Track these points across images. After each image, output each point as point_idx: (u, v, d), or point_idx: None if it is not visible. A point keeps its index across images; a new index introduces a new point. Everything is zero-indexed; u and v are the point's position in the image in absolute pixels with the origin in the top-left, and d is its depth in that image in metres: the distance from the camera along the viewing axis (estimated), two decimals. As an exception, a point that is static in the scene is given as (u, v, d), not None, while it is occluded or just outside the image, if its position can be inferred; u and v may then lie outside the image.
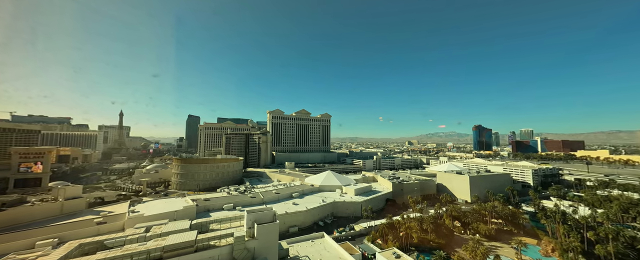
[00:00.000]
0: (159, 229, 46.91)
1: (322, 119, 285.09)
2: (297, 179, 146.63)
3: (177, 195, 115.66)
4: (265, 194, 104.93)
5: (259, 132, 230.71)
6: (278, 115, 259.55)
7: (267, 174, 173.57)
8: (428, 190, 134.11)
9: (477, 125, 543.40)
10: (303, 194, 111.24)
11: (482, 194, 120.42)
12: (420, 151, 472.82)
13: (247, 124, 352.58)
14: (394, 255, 54.99)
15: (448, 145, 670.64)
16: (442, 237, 73.81)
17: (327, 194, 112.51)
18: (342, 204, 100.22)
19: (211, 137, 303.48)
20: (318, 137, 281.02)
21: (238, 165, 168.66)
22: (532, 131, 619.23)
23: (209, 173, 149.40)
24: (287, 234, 77.43)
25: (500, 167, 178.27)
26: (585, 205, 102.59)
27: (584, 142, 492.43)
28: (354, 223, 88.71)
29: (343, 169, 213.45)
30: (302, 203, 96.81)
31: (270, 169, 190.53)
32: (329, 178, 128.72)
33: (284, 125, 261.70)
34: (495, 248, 68.14)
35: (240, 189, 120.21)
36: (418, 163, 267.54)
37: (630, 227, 78.66)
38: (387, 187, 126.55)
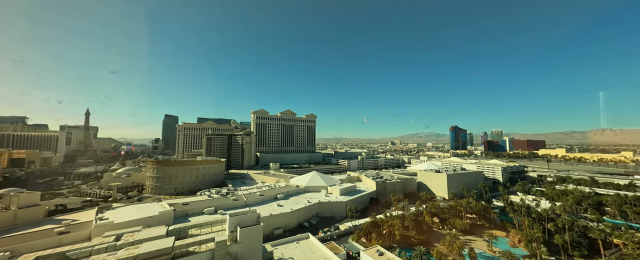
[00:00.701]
0: (131, 237, 43.50)
1: (307, 119, 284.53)
2: (282, 180, 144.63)
3: (152, 200, 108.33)
4: (248, 196, 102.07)
5: (243, 133, 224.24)
6: (262, 115, 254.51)
7: (251, 175, 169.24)
8: (409, 189, 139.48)
9: (454, 126, 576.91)
10: (288, 195, 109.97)
11: (458, 190, 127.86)
12: (402, 151, 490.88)
13: (229, 124, 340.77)
14: (377, 252, 56.24)
15: (427, 145, 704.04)
16: (423, 233, 77.09)
17: (312, 195, 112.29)
18: (328, 204, 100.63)
19: (191, 138, 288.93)
20: (303, 137, 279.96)
21: (220, 167, 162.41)
22: (501, 132, 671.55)
23: (188, 176, 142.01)
24: (271, 236, 75.93)
25: (474, 166, 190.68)
26: (546, 199, 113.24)
27: (545, 142, 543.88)
28: (339, 223, 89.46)
29: (328, 169, 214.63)
30: (287, 204, 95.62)
31: (254, 171, 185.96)
32: (315, 178, 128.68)
33: (268, 126, 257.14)
34: (470, 241, 72.56)
35: (222, 191, 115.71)
36: (400, 162, 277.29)
37: (583, 218, 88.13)
38: (371, 186, 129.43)
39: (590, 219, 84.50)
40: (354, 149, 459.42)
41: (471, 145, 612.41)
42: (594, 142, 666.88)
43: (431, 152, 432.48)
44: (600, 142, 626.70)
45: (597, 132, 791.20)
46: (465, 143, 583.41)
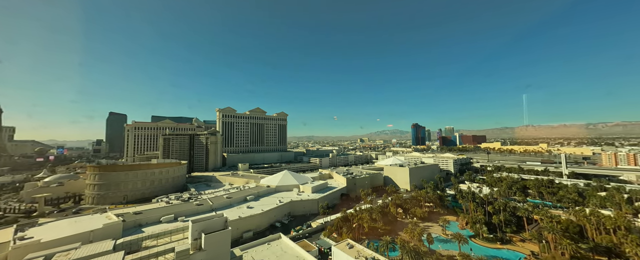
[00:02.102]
0: (66, 256, 36.69)
1: (278, 117, 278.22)
2: (251, 180, 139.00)
3: (94, 211, 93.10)
4: (214, 200, 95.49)
5: (207, 132, 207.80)
6: (229, 113, 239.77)
7: (217, 177, 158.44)
8: (377, 183, 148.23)
9: (415, 124, 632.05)
10: (258, 196, 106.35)
11: (418, 182, 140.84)
12: (371, 148, 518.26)
13: (191, 123, 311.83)
14: (347, 246, 58.44)
15: (392, 141, 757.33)
16: (389, 224, 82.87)
17: (284, 194, 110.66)
18: (300, 202, 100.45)
19: (143, 139, 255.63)
20: (274, 136, 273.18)
21: (180, 170, 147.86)
22: (453, 128, 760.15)
23: (141, 181, 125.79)
24: (240, 240, 72.57)
25: (431, 159, 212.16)
26: (486, 186, 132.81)
27: (485, 137, 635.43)
28: (311, 220, 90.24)
29: (300, 167, 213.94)
30: (257, 206, 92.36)
31: (220, 172, 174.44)
32: (286, 178, 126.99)
33: (236, 125, 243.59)
34: (428, 227, 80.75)
35: (184, 196, 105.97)
36: (369, 159, 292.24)
37: (513, 200, 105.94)
38: (341, 182, 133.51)
39: (518, 201, 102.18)
40: (326, 146, 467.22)
41: (429, 140, 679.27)
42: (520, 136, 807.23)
43: (396, 148, 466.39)
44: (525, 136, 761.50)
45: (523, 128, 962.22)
46: (424, 139, 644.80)
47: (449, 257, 59.57)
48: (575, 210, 79.36)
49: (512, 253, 63.67)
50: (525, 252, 62.33)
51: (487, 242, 69.87)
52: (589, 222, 69.79)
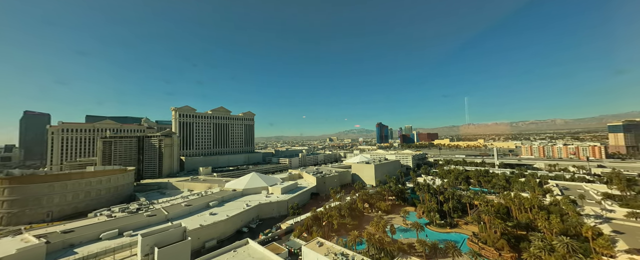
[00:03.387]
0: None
1: (244, 117, 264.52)
2: (215, 185, 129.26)
3: (4, 234, 74.04)
4: (170, 209, 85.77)
5: (160, 134, 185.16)
6: (188, 113, 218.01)
7: (174, 184, 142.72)
8: (345, 180, 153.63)
9: (379, 123, 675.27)
10: (223, 201, 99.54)
11: (382, 178, 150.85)
12: (339, 146, 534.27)
13: (140, 123, 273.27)
14: (317, 244, 59.13)
15: (359, 140, 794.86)
16: (356, 219, 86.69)
17: (252, 197, 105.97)
18: (269, 204, 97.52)
19: (75, 143, 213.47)
20: (240, 137, 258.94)
21: (125, 178, 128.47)
22: (411, 127, 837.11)
23: (71, 194, 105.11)
24: (203, 250, 66.78)
25: (393, 156, 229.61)
26: (438, 178, 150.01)
27: (438, 134, 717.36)
28: (281, 222, 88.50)
29: (269, 169, 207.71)
30: (222, 211, 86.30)
31: (177, 178, 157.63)
32: (254, 180, 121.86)
33: (196, 125, 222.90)
34: (391, 219, 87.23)
35: (131, 207, 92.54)
36: (337, 157, 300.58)
37: (459, 189, 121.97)
38: (311, 182, 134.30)
39: (463, 189, 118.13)
40: (295, 146, 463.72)
41: (391, 138, 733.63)
42: (464, 133, 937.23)
43: (362, 147, 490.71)
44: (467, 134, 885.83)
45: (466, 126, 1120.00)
46: (388, 137, 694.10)
47: (408, 244, 65.33)
48: (504, 195, 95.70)
49: (459, 235, 73.37)
50: (468, 233, 72.49)
51: (439, 227, 78.95)
52: (513, 204, 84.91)
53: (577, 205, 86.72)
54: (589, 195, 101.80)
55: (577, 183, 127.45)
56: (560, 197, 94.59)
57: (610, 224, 72.18)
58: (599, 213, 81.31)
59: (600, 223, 72.28)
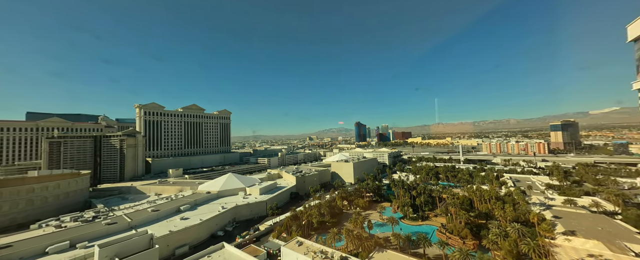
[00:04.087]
0: None
1: (220, 115, 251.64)
2: (186, 188, 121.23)
3: None
4: (134, 215, 78.35)
5: (122, 133, 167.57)
6: (155, 110, 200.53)
7: (138, 188, 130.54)
8: (325, 179, 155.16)
9: (357, 122, 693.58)
10: (196, 205, 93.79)
11: (361, 175, 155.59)
12: (319, 145, 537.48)
13: (97, 121, 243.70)
14: (296, 244, 58.90)
15: (339, 139, 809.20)
16: (335, 217, 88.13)
17: (228, 199, 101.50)
18: (246, 206, 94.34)
19: (13, 144, 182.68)
20: (215, 136, 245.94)
21: (78, 183, 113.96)
22: (387, 126, 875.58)
23: (9, 203, 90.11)
24: (172, 258, 62.31)
25: (371, 154, 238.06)
26: (412, 174, 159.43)
27: (411, 133, 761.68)
28: (259, 223, 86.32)
29: (247, 169, 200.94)
30: (194, 215, 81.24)
31: (143, 182, 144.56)
32: (230, 181, 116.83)
33: (165, 124, 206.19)
34: (369, 215, 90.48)
35: (86, 216, 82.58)
36: (317, 156, 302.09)
37: (430, 184, 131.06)
38: (291, 181, 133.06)
39: (433, 184, 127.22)
40: (275, 146, 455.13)
41: (369, 137, 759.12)
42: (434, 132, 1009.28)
43: (342, 145, 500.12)
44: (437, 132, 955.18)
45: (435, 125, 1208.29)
46: (366, 136, 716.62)
47: (384, 238, 68.43)
48: (467, 188, 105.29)
49: (429, 227, 78.93)
50: (438, 225, 78.39)
51: (412, 221, 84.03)
52: (475, 196, 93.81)
53: (526, 195, 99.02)
54: (535, 186, 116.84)
55: (526, 175, 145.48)
56: (513, 188, 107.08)
57: (551, 210, 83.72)
58: (542, 201, 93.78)
59: (544, 210, 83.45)
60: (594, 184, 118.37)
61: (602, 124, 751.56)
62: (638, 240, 59.27)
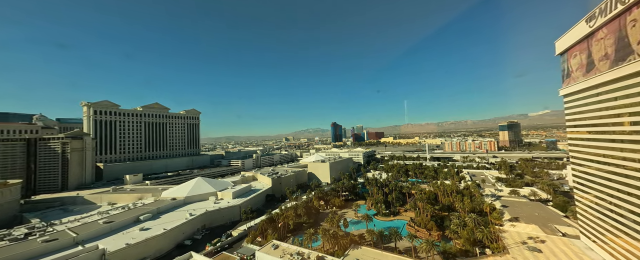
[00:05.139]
0: None
1: (187, 116, 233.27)
2: (148, 195, 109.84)
3: None
4: (81, 229, 68.33)
5: (65, 135, 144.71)
6: (108, 109, 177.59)
7: (86, 197, 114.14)
8: (302, 180, 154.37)
9: (333, 123, 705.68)
10: (159, 213, 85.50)
11: (337, 175, 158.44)
12: (295, 146, 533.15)
13: (31, 122, 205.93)
14: (272, 247, 57.59)
15: (315, 139, 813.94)
16: (312, 217, 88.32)
17: (197, 205, 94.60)
18: (218, 211, 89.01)
19: None
20: (182, 138, 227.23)
21: (5, 195, 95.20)
22: (362, 126, 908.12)
23: None
24: (130, 275, 55.78)
25: (347, 154, 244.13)
26: (384, 172, 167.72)
27: (384, 133, 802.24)
28: (232, 229, 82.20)
29: (218, 172, 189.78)
30: (157, 225, 73.94)
31: (92, 190, 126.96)
32: (199, 186, 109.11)
33: (121, 124, 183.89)
34: (345, 213, 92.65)
35: (16, 233, 69.49)
36: (294, 157, 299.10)
37: (400, 181, 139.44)
38: (267, 183, 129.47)
39: (403, 181, 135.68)
40: (249, 147, 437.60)
41: (345, 137, 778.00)
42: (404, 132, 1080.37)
43: (318, 146, 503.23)
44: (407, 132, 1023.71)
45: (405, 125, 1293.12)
46: (341, 136, 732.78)
47: (359, 235, 70.79)
48: (433, 183, 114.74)
49: (400, 222, 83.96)
50: (407, 219, 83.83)
51: (384, 217, 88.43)
52: (439, 190, 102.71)
53: (480, 188, 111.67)
54: (488, 179, 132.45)
55: (480, 170, 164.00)
56: (470, 182, 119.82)
57: (500, 200, 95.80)
58: (493, 192, 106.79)
59: (494, 200, 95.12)
60: (532, 176, 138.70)
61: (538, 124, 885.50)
62: (564, 223, 71.18)
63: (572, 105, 57.73)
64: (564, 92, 60.52)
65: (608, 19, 44.60)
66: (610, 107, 46.06)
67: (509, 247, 58.29)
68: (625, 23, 41.47)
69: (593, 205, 53.17)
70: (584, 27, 51.66)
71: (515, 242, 60.87)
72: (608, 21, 45.06)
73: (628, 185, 43.13)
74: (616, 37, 43.68)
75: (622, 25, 42.13)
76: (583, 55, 53.41)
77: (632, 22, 40.17)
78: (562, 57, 61.75)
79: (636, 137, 41.05)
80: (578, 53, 55.15)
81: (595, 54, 49.57)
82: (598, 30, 48.15)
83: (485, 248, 58.99)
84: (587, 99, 52.10)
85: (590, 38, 50.70)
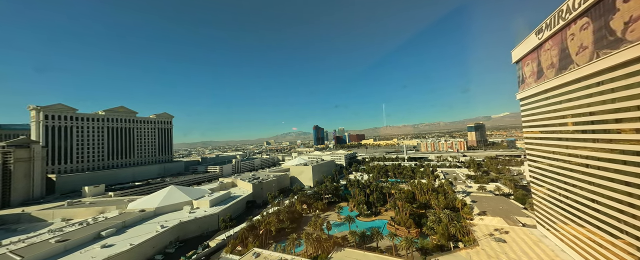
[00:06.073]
0: None
1: (159, 120, 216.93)
2: (111, 208, 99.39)
3: None
4: (28, 251, 59.42)
5: (7, 144, 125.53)
6: (61, 113, 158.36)
7: (34, 214, 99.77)
8: (284, 184, 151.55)
9: (315, 125, 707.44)
10: (125, 227, 77.73)
11: (320, 178, 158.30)
12: (277, 150, 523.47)
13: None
14: (253, 256, 55.39)
15: (297, 142, 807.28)
16: (295, 222, 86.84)
17: (170, 216, 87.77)
18: (193, 221, 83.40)
19: None
20: (153, 144, 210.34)
21: None
22: (343, 129, 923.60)
23: None
24: (89, 300, 49.51)
25: (329, 156, 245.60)
26: (366, 173, 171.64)
27: (364, 135, 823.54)
28: (210, 239, 77.51)
29: (195, 179, 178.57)
30: (122, 240, 67.02)
31: (41, 205, 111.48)
32: (173, 195, 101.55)
33: (78, 130, 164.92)
34: (328, 216, 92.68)
35: (-63, 263, 58.07)
36: (276, 161, 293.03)
37: (381, 181, 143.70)
38: (247, 189, 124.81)
39: (383, 181, 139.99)
40: (228, 152, 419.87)
41: (327, 140, 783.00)
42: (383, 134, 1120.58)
43: (301, 149, 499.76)
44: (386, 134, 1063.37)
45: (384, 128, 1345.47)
46: (324, 139, 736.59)
47: (342, 237, 71.14)
48: (411, 183, 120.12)
49: (381, 221, 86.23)
50: (388, 218, 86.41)
51: (366, 217, 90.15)
52: (416, 189, 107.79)
53: (453, 185, 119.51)
54: (459, 177, 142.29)
55: (452, 169, 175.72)
56: (444, 180, 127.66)
57: (470, 196, 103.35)
58: (464, 189, 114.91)
59: (465, 196, 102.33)
60: (496, 173, 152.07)
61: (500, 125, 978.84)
62: (524, 214, 78.90)
63: (526, 108, 64.79)
64: (519, 96, 67.75)
65: (552, 32, 51.19)
66: (556, 109, 52.53)
67: (478, 240, 62.89)
68: (566, 36, 47.92)
69: (546, 198, 59.77)
70: (534, 39, 58.62)
71: (484, 235, 65.91)
72: (553, 34, 51.70)
73: (573, 179, 49.28)
74: (560, 48, 50.22)
75: (564, 38, 48.61)
76: (534, 64, 60.47)
77: (571, 36, 46.55)
78: (517, 64, 69.29)
79: (578, 136, 47.24)
80: (530, 62, 62.31)
81: (543, 63, 56.41)
82: (545, 42, 54.97)
83: (458, 242, 62.94)
84: (539, 102, 58.87)
85: (540, 49, 57.65)
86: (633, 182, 36.27)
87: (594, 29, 40.83)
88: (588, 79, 42.89)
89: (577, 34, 44.94)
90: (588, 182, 45.19)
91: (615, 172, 39.12)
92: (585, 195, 46.24)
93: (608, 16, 37.90)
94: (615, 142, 39.04)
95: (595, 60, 40.43)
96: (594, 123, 42.68)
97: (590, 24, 41.59)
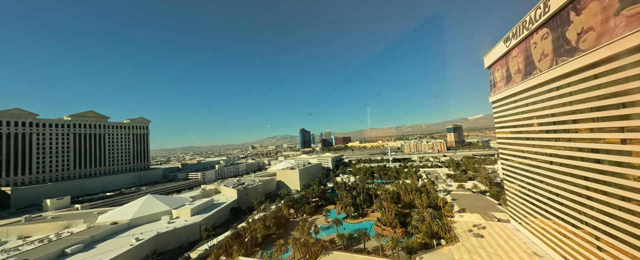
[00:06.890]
0: None
1: (133, 125, 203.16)
2: (78, 221, 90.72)
3: None
4: (-27, 277, 51.95)
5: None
6: (17, 119, 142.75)
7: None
8: (270, 189, 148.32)
9: (302, 129, 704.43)
10: (94, 242, 71.22)
11: (307, 182, 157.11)
12: (263, 154, 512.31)
13: None
14: (239, 264, 53.15)
15: (284, 146, 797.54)
16: (282, 227, 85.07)
17: (146, 227, 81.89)
18: (172, 232, 78.49)
19: None
20: (127, 151, 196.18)
21: None
22: (330, 132, 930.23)
23: None
24: None
25: (316, 159, 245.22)
26: (352, 175, 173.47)
27: (350, 137, 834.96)
28: (191, 250, 73.33)
29: (174, 187, 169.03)
30: (90, 257, 61.29)
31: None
32: (149, 205, 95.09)
33: (37, 137, 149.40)
34: (315, 220, 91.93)
35: None
36: (261, 165, 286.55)
37: (367, 183, 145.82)
38: (231, 195, 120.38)
39: (369, 183, 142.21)
40: (211, 157, 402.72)
41: (314, 143, 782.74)
42: (368, 136, 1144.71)
43: (287, 152, 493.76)
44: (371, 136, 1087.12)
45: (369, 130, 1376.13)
46: (310, 142, 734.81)
47: (330, 240, 70.85)
48: (396, 183, 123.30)
49: (368, 222, 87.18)
50: (374, 219, 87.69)
51: (353, 219, 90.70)
52: (401, 189, 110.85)
53: (435, 184, 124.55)
54: (440, 176, 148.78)
55: (434, 169, 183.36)
56: (426, 180, 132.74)
57: (450, 194, 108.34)
58: (445, 188, 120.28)
59: (446, 195, 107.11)
60: (473, 171, 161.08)
61: (475, 126, 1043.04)
62: (499, 210, 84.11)
63: (498, 110, 69.73)
64: (492, 99, 72.81)
65: (518, 41, 55.92)
66: (524, 111, 57.10)
67: (459, 236, 65.86)
68: (530, 45, 52.56)
69: (517, 194, 64.33)
70: (502, 47, 63.59)
71: (464, 231, 69.20)
72: (518, 42, 56.47)
73: (540, 175, 53.60)
74: (525, 55, 54.92)
75: (528, 47, 53.26)
76: (504, 69, 65.49)
77: (534, 44, 51.15)
78: (489, 70, 74.59)
79: (543, 135, 51.60)
80: (500, 67, 67.39)
81: (511, 69, 61.28)
82: (512, 49, 59.86)
83: (441, 239, 65.42)
84: (508, 105, 63.66)
85: (508, 56, 62.61)
86: (590, 177, 40.22)
87: (553, 39, 45.24)
88: (549, 84, 47.25)
89: (539, 42, 49.50)
90: (552, 177, 49.40)
91: (574, 168, 43.16)
92: (550, 190, 50.43)
93: (564, 27, 42.24)
94: (574, 140, 43.18)
95: (555, 67, 44.71)
96: (556, 124, 46.95)
97: (550, 34, 46.06)
